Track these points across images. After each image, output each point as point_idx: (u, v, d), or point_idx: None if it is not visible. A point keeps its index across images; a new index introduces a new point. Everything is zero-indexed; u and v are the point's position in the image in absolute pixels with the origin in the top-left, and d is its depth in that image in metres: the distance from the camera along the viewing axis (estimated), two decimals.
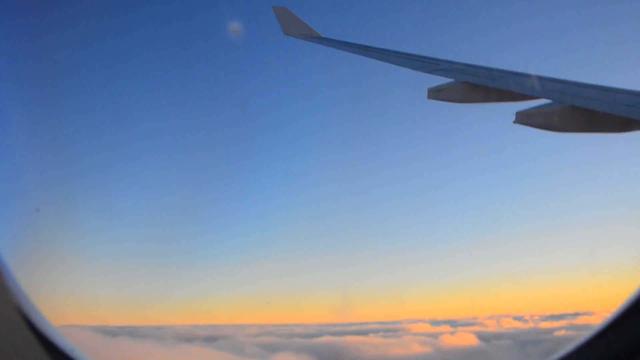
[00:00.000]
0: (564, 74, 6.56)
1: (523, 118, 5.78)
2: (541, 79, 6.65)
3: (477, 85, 6.61)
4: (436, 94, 6.76)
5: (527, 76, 6.81)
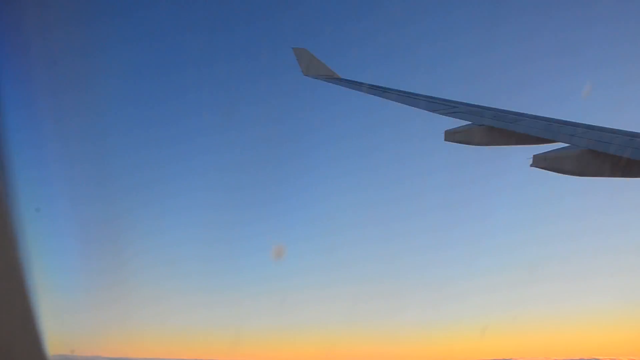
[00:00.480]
0: (582, 118, 6.64)
1: (540, 162, 5.85)
2: (558, 122, 6.75)
3: (494, 128, 6.72)
4: (453, 136, 6.88)
5: (544, 119, 6.91)
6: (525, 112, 7.20)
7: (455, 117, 7.29)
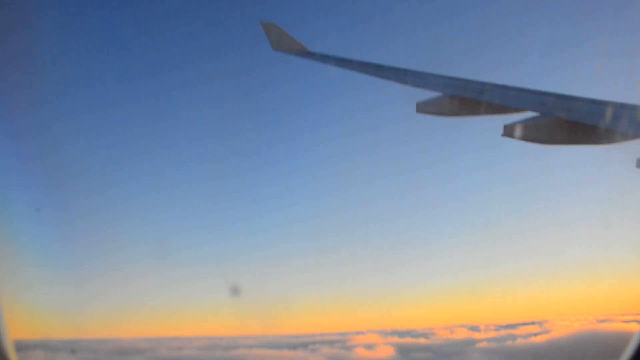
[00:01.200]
0: (552, 87, 6.62)
1: (511, 131, 5.83)
2: (528, 92, 6.72)
3: (465, 99, 6.66)
4: (424, 107, 6.80)
5: (514, 89, 6.87)
6: (496, 82, 7.15)
7: (427, 89, 7.20)
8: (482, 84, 7.15)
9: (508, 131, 5.84)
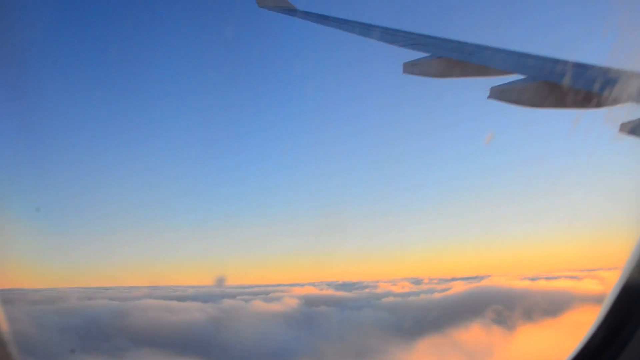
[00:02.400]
0: (540, 50, 6.56)
1: (497, 94, 5.79)
2: (517, 54, 6.64)
3: (452, 60, 6.57)
4: (411, 68, 6.69)
5: (502, 51, 6.79)
6: (486, 45, 7.05)
7: (414, 50, 7.08)
8: (471, 45, 7.05)
9: (494, 93, 5.80)
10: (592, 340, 1.86)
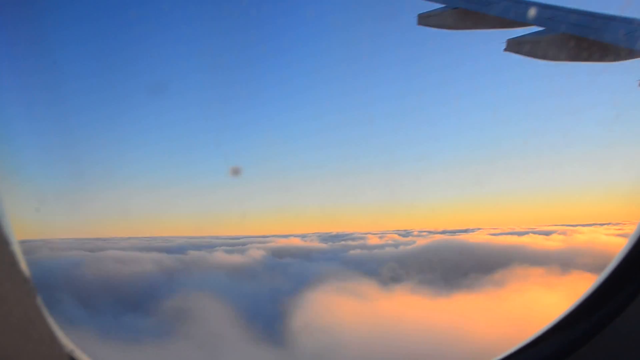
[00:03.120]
0: (559, 0, 6.34)
1: (514, 46, 5.64)
2: (534, 5, 6.42)
3: (468, 11, 6.36)
4: (426, 19, 6.50)
5: (520, 2, 6.56)
6: None
7: (430, 0, 6.85)
8: None
9: (511, 46, 5.65)
10: (592, 296, 1.88)
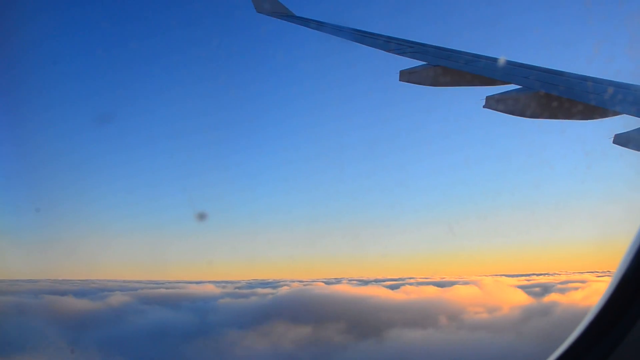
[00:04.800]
0: (536, 61, 6.59)
1: (493, 103, 5.79)
2: (512, 64, 6.66)
3: (449, 69, 6.57)
4: (408, 76, 6.69)
5: (498, 61, 6.81)
6: (481, 54, 7.07)
7: (411, 58, 7.08)
8: (467, 54, 7.07)
9: (490, 103, 5.80)
10: (586, 334, 1.84)
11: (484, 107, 5.83)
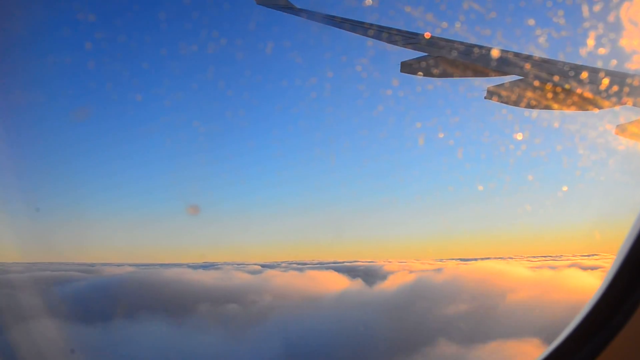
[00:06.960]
0: (538, 51, 6.55)
1: (494, 94, 5.77)
2: (515, 55, 6.62)
3: (451, 60, 6.54)
4: (409, 67, 6.66)
5: (500, 51, 6.77)
6: (483, 45, 7.03)
7: (413, 49, 7.05)
8: (469, 45, 7.03)
9: (491, 94, 5.78)
10: (579, 329, 1.84)
11: (485, 98, 5.82)
